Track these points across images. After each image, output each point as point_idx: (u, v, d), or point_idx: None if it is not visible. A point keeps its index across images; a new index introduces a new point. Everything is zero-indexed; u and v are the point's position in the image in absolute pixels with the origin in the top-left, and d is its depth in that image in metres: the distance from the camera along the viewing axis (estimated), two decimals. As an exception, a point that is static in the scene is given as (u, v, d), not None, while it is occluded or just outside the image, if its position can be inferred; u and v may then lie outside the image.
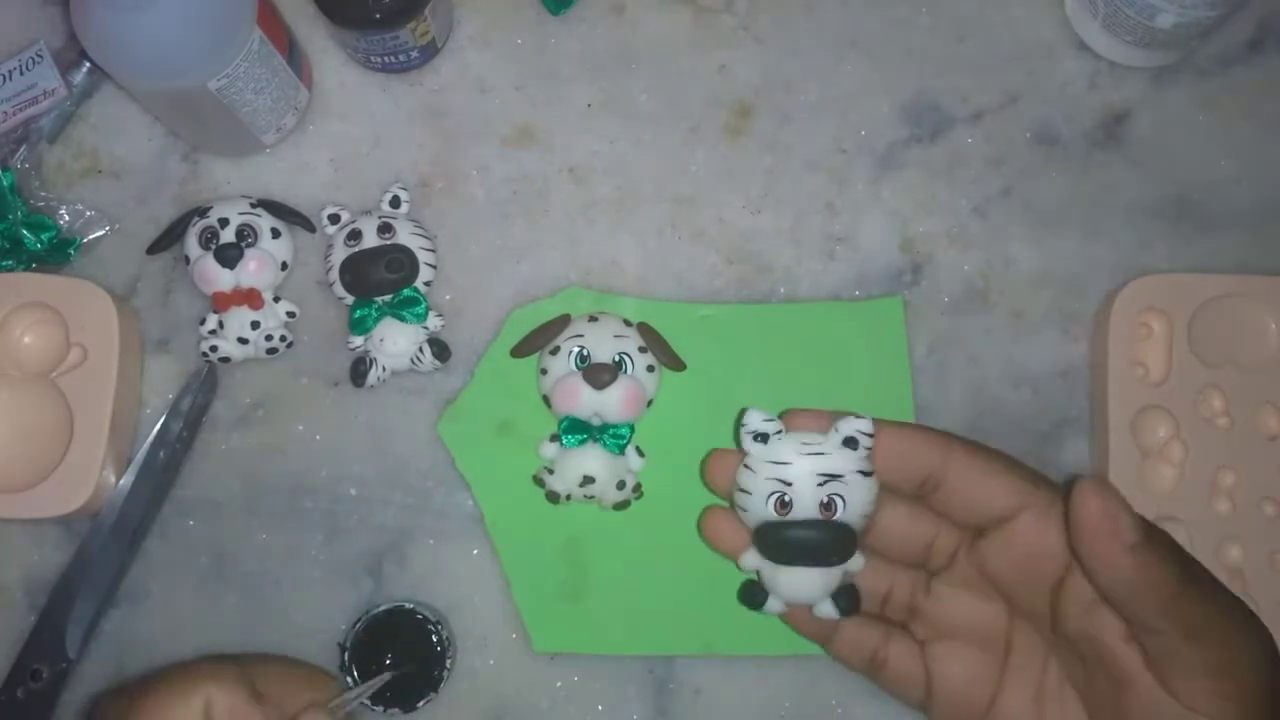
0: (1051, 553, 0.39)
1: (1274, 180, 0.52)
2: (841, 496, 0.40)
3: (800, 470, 0.40)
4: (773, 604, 0.42)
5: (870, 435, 0.40)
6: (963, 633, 0.42)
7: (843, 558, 0.41)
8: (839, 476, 0.40)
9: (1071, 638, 0.39)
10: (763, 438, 0.41)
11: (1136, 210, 0.52)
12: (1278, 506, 0.48)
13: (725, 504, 0.43)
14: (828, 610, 0.42)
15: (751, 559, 0.42)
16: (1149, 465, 0.48)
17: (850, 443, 0.40)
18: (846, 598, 0.42)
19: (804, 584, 0.41)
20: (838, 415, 0.40)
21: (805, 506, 0.40)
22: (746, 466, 0.41)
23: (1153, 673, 0.36)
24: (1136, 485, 0.48)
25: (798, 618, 0.44)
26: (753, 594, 0.43)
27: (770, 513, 0.40)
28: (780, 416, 0.41)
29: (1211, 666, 0.35)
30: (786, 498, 0.40)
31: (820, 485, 0.40)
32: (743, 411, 0.41)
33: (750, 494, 0.41)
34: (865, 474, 0.40)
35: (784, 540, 0.41)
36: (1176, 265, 0.51)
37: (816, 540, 0.40)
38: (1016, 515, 0.39)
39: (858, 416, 0.40)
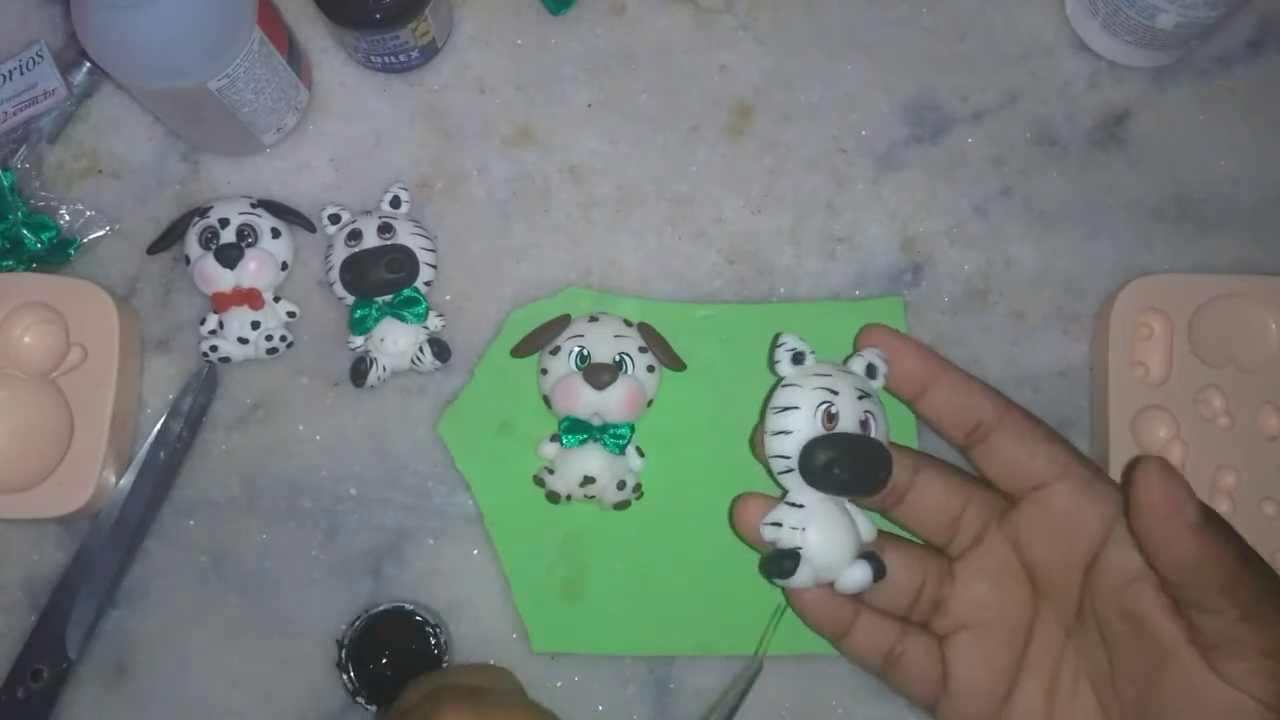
0: (1087, 526, 0.39)
1: (1274, 180, 0.52)
2: (874, 416, 0.42)
3: (841, 382, 0.41)
4: (803, 572, 0.40)
5: (887, 363, 0.43)
6: (985, 622, 0.42)
7: (887, 477, 0.41)
8: (871, 395, 0.42)
9: (1103, 616, 0.39)
10: (800, 357, 0.42)
11: (1136, 210, 0.52)
12: (1278, 506, 0.48)
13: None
14: (859, 576, 0.41)
15: (778, 516, 0.42)
16: (1149, 465, 0.48)
17: (871, 371, 0.43)
18: (878, 559, 0.42)
19: (839, 535, 0.41)
20: (857, 349, 0.43)
21: (848, 421, 0.41)
22: (788, 386, 0.42)
23: (1197, 650, 0.37)
24: (1136, 485, 0.48)
25: (815, 609, 0.43)
26: (782, 560, 0.40)
27: (818, 426, 0.41)
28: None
29: (1266, 647, 0.36)
30: (833, 409, 0.41)
31: (859, 399, 0.41)
32: (777, 336, 0.43)
33: (796, 409, 0.41)
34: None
35: (836, 451, 0.40)
36: (1176, 265, 0.51)
37: (872, 448, 0.41)
38: (1053, 484, 0.40)
39: (872, 348, 0.43)
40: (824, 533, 0.41)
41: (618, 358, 0.47)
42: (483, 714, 0.37)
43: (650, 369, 0.48)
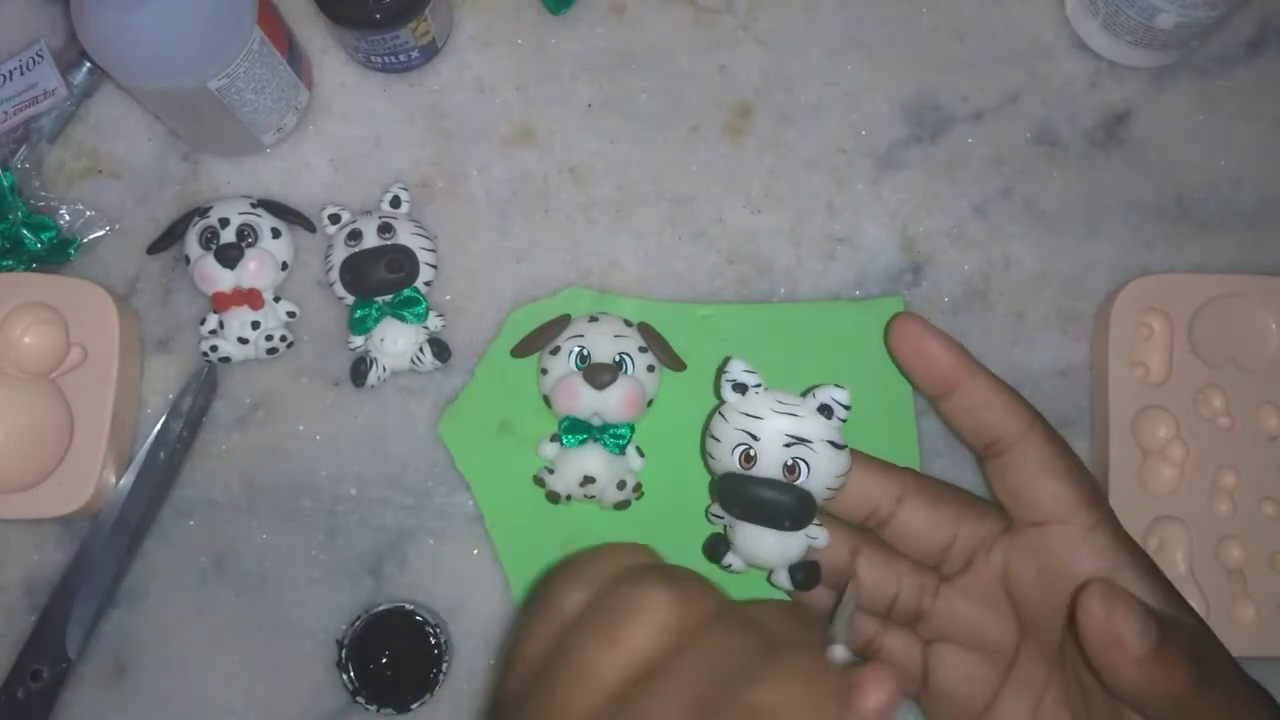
0: (1075, 577, 0.38)
1: (1274, 180, 0.52)
2: (806, 462, 0.40)
3: (769, 427, 0.41)
4: (732, 560, 0.43)
5: (846, 407, 0.41)
6: (967, 640, 0.42)
7: (796, 524, 0.41)
8: (807, 441, 0.40)
9: (1081, 668, 0.38)
10: (741, 388, 0.42)
11: (1136, 210, 0.52)
12: (1278, 506, 0.48)
13: None
14: (783, 581, 0.42)
15: (718, 509, 0.43)
16: (1149, 465, 0.48)
17: (825, 410, 0.41)
18: (804, 572, 0.42)
19: (762, 545, 0.42)
20: (888, 341, 0.42)
21: (769, 464, 0.41)
22: (720, 414, 0.42)
23: None
24: (1136, 485, 0.48)
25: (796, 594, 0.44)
26: (714, 546, 0.44)
27: (734, 464, 0.41)
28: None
29: None
30: (751, 452, 0.41)
31: (786, 446, 0.40)
32: (726, 359, 0.42)
33: (719, 441, 0.42)
34: (837, 446, 0.41)
35: (739, 494, 0.41)
36: (1176, 265, 0.51)
37: (769, 499, 0.41)
38: (1051, 525, 0.39)
39: (837, 387, 0.41)
40: (750, 535, 0.42)
41: (618, 358, 0.47)
42: (683, 593, 0.30)
43: (650, 369, 0.48)
